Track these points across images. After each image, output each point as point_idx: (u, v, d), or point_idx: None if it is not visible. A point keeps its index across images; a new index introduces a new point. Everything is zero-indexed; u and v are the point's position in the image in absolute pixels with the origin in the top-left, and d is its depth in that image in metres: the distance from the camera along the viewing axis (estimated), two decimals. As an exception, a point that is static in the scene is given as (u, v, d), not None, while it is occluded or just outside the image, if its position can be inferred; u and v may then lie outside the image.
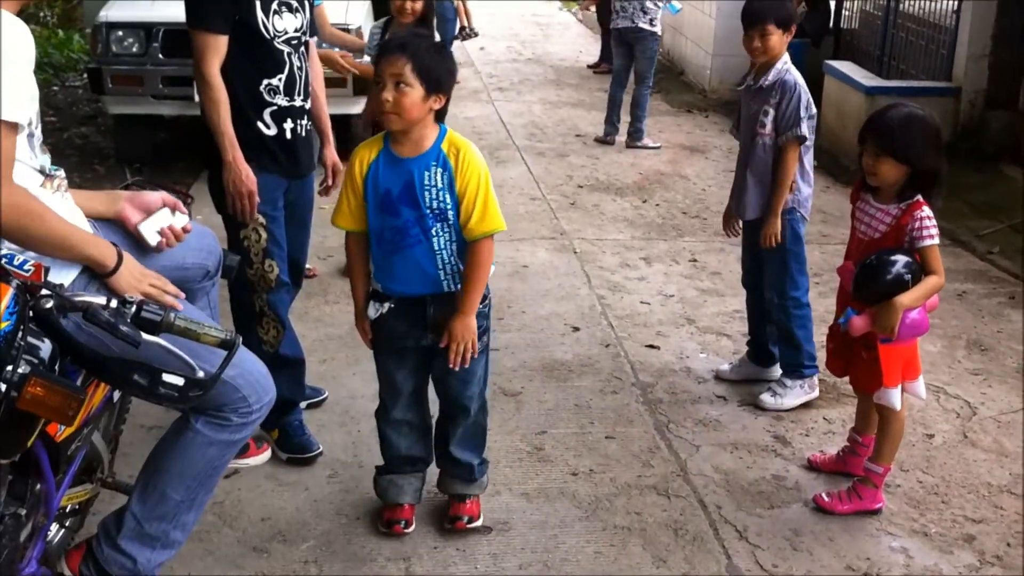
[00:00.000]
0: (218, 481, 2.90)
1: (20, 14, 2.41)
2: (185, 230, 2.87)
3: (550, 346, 4.96)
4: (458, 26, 10.97)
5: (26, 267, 2.36)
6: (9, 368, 2.15)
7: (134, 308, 2.38)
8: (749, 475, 3.88)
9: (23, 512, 2.45)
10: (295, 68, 3.65)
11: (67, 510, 2.85)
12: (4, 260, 2.34)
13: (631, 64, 9.02)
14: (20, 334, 2.19)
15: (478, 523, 3.48)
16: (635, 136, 8.94)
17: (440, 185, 3.06)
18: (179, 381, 2.45)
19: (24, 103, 2.34)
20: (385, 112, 3.01)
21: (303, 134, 3.75)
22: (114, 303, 2.35)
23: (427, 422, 3.49)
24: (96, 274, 2.55)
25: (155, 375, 2.44)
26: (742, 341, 5.03)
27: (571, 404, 4.39)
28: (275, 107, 3.61)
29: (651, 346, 5.00)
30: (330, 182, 4.11)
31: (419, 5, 5.18)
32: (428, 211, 3.08)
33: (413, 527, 3.45)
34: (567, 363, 4.78)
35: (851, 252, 3.69)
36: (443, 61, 3.08)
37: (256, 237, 3.64)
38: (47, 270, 2.41)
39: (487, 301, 3.28)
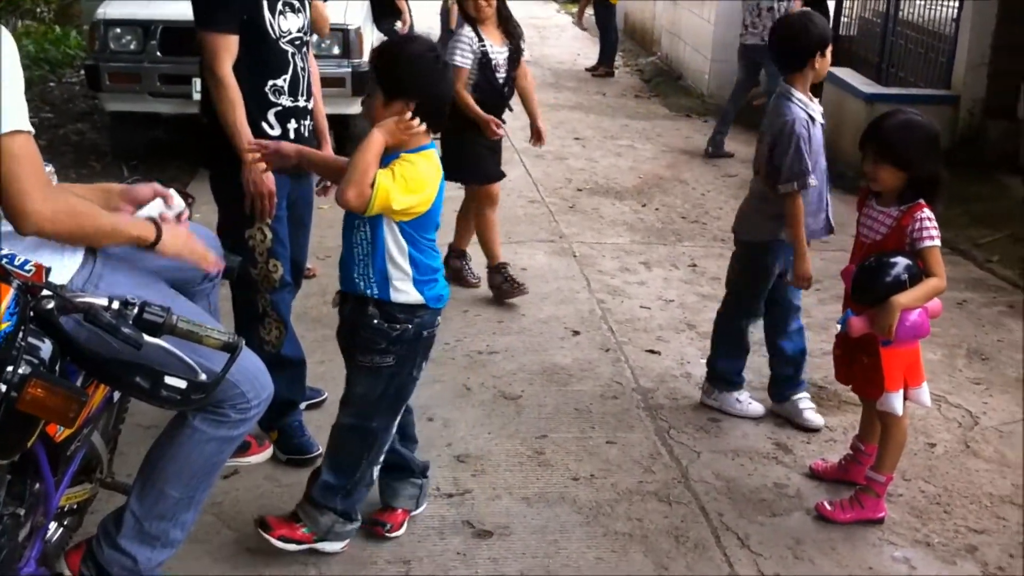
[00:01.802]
0: (216, 479, 2.88)
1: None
2: (181, 218, 2.78)
3: (550, 350, 4.94)
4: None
5: (27, 267, 2.34)
6: (10, 369, 2.12)
7: (136, 310, 2.35)
8: (751, 482, 3.86)
9: (22, 512, 2.43)
10: (298, 68, 3.64)
11: (66, 510, 2.83)
12: (5, 260, 2.32)
13: (753, 81, 8.84)
14: (21, 335, 2.17)
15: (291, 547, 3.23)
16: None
17: None
18: (181, 384, 2.43)
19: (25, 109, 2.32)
20: None
21: (305, 134, 3.73)
22: (116, 304, 2.33)
23: None
24: (94, 272, 2.53)
25: (157, 378, 2.42)
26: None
27: (571, 408, 4.37)
28: (280, 107, 3.59)
29: (651, 351, 4.98)
30: (328, 182, 4.07)
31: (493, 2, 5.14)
32: None
33: (398, 533, 3.39)
34: (567, 367, 4.76)
35: (854, 256, 3.69)
36: (400, 65, 2.96)
37: (261, 237, 3.61)
38: (48, 270, 2.39)
39: (401, 329, 3.10)
